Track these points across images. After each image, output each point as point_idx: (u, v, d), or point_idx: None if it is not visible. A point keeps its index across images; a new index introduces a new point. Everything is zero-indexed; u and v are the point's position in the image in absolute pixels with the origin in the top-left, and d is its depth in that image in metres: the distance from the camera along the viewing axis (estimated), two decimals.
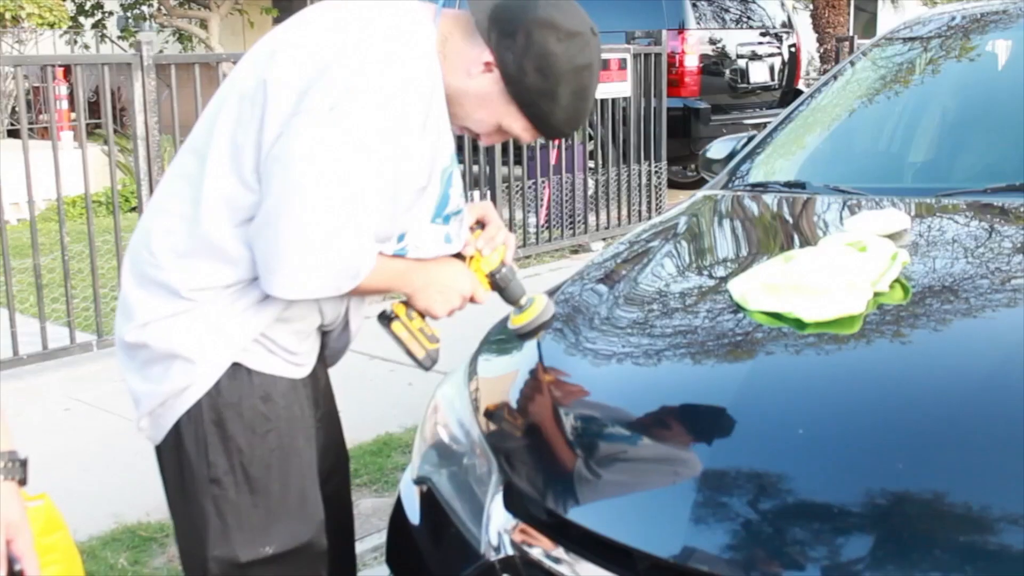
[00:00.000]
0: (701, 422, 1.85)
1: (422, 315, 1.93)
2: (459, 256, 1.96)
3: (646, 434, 1.89)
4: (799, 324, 2.00)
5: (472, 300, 1.94)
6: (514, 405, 2.13)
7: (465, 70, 1.80)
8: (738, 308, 2.12)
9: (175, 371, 1.83)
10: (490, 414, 2.12)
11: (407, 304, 1.92)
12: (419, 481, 2.21)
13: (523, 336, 2.04)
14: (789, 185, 3.01)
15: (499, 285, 1.98)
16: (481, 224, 2.01)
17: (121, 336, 1.88)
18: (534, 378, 2.12)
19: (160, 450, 1.93)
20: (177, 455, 1.88)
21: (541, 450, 1.88)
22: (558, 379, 2.08)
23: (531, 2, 1.78)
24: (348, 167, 1.69)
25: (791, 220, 2.87)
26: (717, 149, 3.59)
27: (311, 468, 1.95)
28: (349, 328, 1.99)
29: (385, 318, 1.93)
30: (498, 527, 1.86)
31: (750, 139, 3.46)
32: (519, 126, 1.86)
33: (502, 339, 2.42)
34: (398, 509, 2.24)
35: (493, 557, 1.84)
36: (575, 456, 1.87)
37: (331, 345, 2.01)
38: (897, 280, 2.12)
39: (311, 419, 1.96)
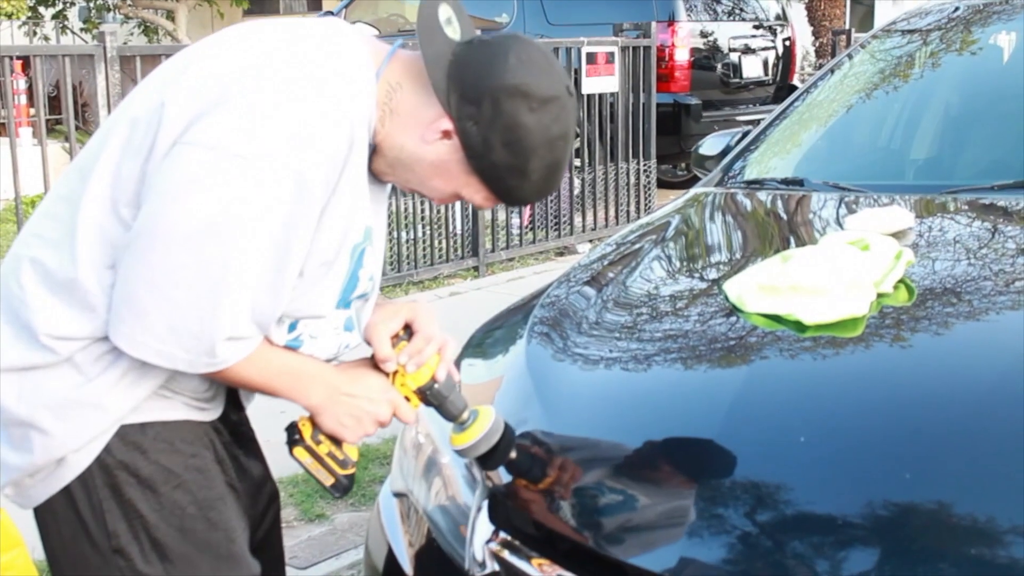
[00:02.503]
0: (697, 430, 1.83)
1: (331, 437, 1.70)
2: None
3: (639, 443, 1.87)
4: (799, 326, 1.99)
5: (398, 418, 1.72)
6: (499, 413, 2.11)
7: (419, 135, 1.61)
8: (734, 310, 2.11)
9: (35, 444, 1.59)
10: None
11: (314, 423, 1.69)
12: (399, 494, 2.20)
13: (476, 461, 1.81)
14: (786, 182, 3.00)
15: (431, 403, 1.75)
16: (408, 330, 1.74)
17: None
18: (520, 385, 2.11)
19: (40, 513, 1.67)
20: (70, 521, 1.64)
21: (528, 461, 1.87)
22: (545, 386, 2.06)
23: (498, 60, 1.57)
24: (225, 219, 1.48)
25: (789, 218, 2.86)
26: (710, 145, 3.58)
27: (236, 519, 1.74)
28: None
29: (288, 437, 1.70)
30: (483, 542, 1.84)
31: (744, 135, 3.45)
32: (480, 197, 1.67)
33: (487, 343, 2.41)
34: (376, 523, 2.22)
35: (478, 573, 1.82)
36: (564, 467, 1.85)
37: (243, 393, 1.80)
38: (901, 280, 2.11)
39: (228, 463, 1.74)
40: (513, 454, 1.80)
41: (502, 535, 1.81)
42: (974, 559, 1.51)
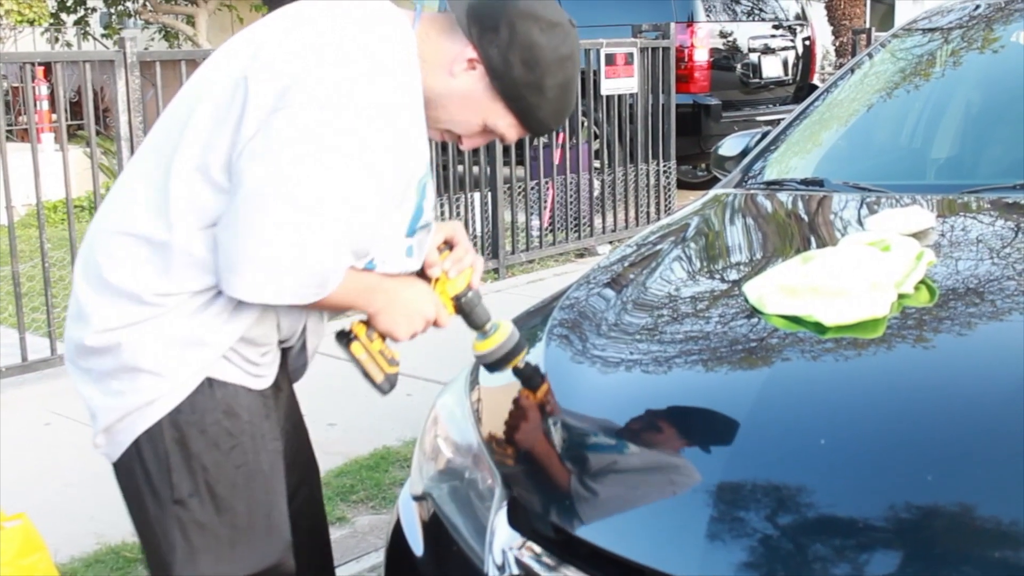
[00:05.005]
0: (716, 433, 1.83)
1: (382, 336, 1.91)
2: (423, 276, 1.96)
3: (659, 446, 1.87)
4: (819, 328, 1.98)
5: (435, 324, 1.94)
6: (518, 416, 2.10)
7: (447, 69, 1.84)
8: (754, 312, 2.10)
9: (140, 384, 1.81)
10: (493, 425, 2.10)
11: (367, 324, 1.90)
12: (419, 497, 2.19)
13: (488, 367, 2.04)
14: (806, 183, 2.99)
15: (464, 309, 1.98)
16: (449, 245, 2.01)
17: (78, 342, 1.84)
18: (540, 387, 2.10)
19: (118, 468, 1.91)
20: (137, 475, 1.86)
21: (547, 463, 1.87)
22: (565, 388, 2.06)
23: None
24: (328, 170, 1.69)
25: (809, 219, 2.85)
26: (730, 146, 3.58)
27: (278, 485, 1.94)
28: (306, 349, 1.99)
29: (344, 338, 1.91)
30: (502, 545, 1.83)
31: (764, 135, 3.45)
32: (505, 123, 1.88)
33: None
34: (396, 527, 2.22)
35: None
36: (584, 470, 1.85)
37: (291, 363, 2.01)
38: (923, 281, 2.10)
39: (276, 433, 1.96)
40: (521, 364, 2.03)
41: (524, 540, 1.81)
42: (997, 562, 1.49)
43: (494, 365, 2.02)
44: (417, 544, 2.12)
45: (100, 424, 1.86)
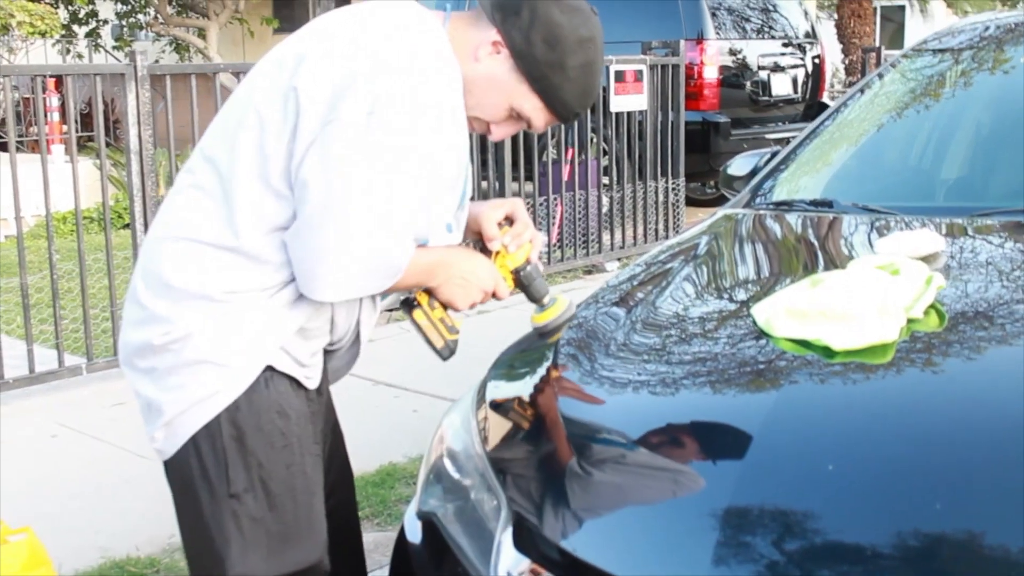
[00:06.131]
0: (724, 457, 1.82)
1: (444, 305, 2.02)
2: (485, 250, 2.08)
3: (666, 468, 1.86)
4: (827, 352, 1.98)
5: (494, 295, 2.04)
6: (524, 436, 2.10)
7: (472, 55, 1.93)
8: (762, 335, 2.09)
9: (204, 376, 1.89)
10: (499, 445, 2.09)
11: (430, 293, 2.01)
12: (423, 516, 2.19)
13: (544, 335, 2.17)
14: (815, 204, 2.99)
15: (523, 283, 2.10)
16: (509, 220, 2.10)
17: (143, 342, 1.91)
18: (546, 406, 2.10)
19: (171, 465, 1.97)
20: (192, 471, 1.93)
21: (553, 484, 1.86)
22: (573, 408, 2.06)
23: None
24: (390, 171, 1.80)
25: (818, 241, 2.85)
26: (738, 165, 3.57)
27: (317, 488, 2.02)
28: (359, 341, 2.06)
29: (407, 305, 2.03)
30: (507, 567, 1.83)
31: (773, 155, 3.44)
32: (530, 106, 1.96)
33: (514, 364, 2.40)
34: (401, 545, 2.21)
35: None
36: (590, 492, 1.84)
37: (335, 362, 2.08)
38: (932, 306, 2.09)
39: (317, 436, 2.04)
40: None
41: (529, 562, 1.80)
42: None
43: (548, 334, 2.18)
44: (422, 563, 2.11)
45: (163, 418, 1.92)
